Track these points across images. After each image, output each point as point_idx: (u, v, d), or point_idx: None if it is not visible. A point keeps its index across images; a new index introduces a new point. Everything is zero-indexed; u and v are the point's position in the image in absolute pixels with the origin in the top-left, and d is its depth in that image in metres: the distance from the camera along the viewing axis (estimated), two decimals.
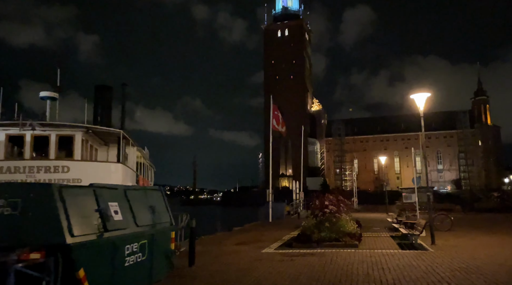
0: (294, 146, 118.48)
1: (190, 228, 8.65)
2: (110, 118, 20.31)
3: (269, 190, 23.18)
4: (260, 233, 15.65)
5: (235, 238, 14.15)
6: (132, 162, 14.97)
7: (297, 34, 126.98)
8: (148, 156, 23.56)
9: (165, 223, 7.24)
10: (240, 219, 40.22)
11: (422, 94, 11.26)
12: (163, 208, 7.42)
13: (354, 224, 11.75)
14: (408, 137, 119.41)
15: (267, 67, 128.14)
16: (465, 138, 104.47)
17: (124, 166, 12.77)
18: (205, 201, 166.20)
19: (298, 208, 26.37)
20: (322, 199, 11.45)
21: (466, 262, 8.08)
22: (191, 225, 8.60)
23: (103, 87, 20.95)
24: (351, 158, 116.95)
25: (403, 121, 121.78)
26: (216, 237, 14.71)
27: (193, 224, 8.57)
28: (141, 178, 16.20)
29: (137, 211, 6.29)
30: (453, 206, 30.62)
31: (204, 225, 36.54)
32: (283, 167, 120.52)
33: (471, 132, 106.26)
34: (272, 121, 23.27)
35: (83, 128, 12.34)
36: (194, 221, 8.70)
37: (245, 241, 12.84)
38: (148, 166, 21.59)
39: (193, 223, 8.59)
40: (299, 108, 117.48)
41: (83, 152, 12.52)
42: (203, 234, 17.42)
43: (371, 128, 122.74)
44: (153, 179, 27.50)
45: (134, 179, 14.70)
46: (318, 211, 11.29)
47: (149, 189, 7.20)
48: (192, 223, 8.60)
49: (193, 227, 8.55)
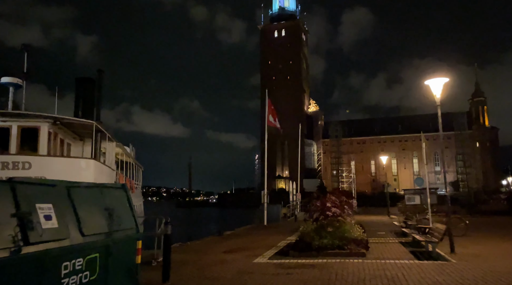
0: (290, 147, 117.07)
1: (164, 236, 7.11)
2: (93, 112, 18.77)
3: (264, 191, 21.65)
4: (253, 238, 14.12)
5: (225, 244, 12.61)
6: (110, 158, 13.40)
7: (293, 34, 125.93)
8: (133, 154, 21.96)
9: (128, 230, 5.70)
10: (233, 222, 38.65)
11: (439, 80, 9.81)
12: (126, 211, 5.89)
13: (360, 229, 10.25)
14: (405, 139, 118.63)
15: (264, 68, 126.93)
16: (463, 140, 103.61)
17: (98, 162, 11.21)
18: (201, 203, 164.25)
19: (295, 210, 24.88)
20: (324, 200, 9.94)
21: (505, 278, 6.60)
22: (166, 232, 7.05)
23: (84, 79, 19.41)
24: (348, 160, 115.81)
25: (400, 122, 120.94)
26: (204, 243, 13.15)
27: (168, 231, 7.03)
28: (122, 177, 14.63)
29: (84, 216, 4.75)
30: (457, 209, 29.22)
31: (193, 229, 35.04)
32: (280, 168, 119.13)
33: (469, 134, 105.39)
34: (268, 117, 21.77)
35: (50, 119, 10.76)
36: (170, 227, 7.15)
37: (235, 248, 11.30)
38: (134, 165, 20.00)
39: (168, 229, 7.05)
40: (295, 109, 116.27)
41: (50, 147, 10.94)
42: (190, 239, 15.88)
43: (368, 130, 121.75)
44: (140, 179, 25.90)
45: (112, 177, 13.14)
46: (319, 213, 9.79)
47: (107, 187, 5.65)
48: (167, 229, 7.05)
49: (168, 234, 7.01)
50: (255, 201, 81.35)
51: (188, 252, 10.72)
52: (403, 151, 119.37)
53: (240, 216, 52.98)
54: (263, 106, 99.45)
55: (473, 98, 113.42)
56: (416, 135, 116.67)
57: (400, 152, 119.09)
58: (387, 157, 33.55)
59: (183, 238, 26.33)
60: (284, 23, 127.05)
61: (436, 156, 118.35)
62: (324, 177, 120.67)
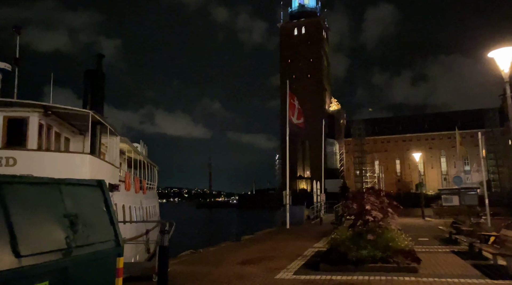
0: (312, 146, 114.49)
1: (160, 248, 5.51)
2: (103, 107, 17.51)
3: (286, 191, 19.87)
4: (274, 245, 12.39)
5: (243, 252, 10.94)
6: (113, 155, 11.97)
7: (314, 32, 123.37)
8: (145, 152, 20.62)
9: (102, 244, 4.12)
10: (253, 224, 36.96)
11: (507, 50, 7.84)
12: (100, 217, 4.30)
13: (406, 237, 8.36)
14: (432, 137, 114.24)
15: (283, 66, 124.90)
16: (494, 138, 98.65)
17: (95, 158, 9.75)
18: (221, 204, 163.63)
19: (320, 212, 22.98)
20: (362, 202, 8.12)
21: None
22: (161, 243, 5.44)
23: (93, 72, 18.20)
24: (372, 159, 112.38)
25: (426, 120, 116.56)
26: (218, 250, 11.52)
27: (164, 241, 5.41)
28: (129, 176, 13.19)
29: (24, 226, 3.19)
30: (500, 210, 26.58)
31: (211, 231, 33.45)
32: (301, 168, 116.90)
33: (501, 131, 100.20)
34: (289, 113, 19.96)
35: (40, 108, 9.36)
36: (167, 236, 5.53)
37: (254, 258, 9.61)
38: (146, 164, 18.62)
39: (165, 239, 5.43)
40: (316, 108, 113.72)
41: (42, 141, 9.55)
42: (204, 244, 14.31)
43: (392, 128, 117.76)
44: (155, 179, 24.59)
45: (115, 176, 11.69)
46: (357, 218, 7.97)
47: (71, 184, 4.05)
48: (164, 239, 5.43)
49: (164, 246, 5.39)
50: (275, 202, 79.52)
51: (198, 263, 9.11)
52: (430, 149, 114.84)
53: (260, 218, 51.23)
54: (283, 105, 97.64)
55: (505, 93, 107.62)
56: (443, 134, 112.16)
57: (427, 150, 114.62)
58: (420, 154, 31.10)
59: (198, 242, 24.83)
60: (304, 21, 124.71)
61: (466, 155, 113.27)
62: (346, 177, 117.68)
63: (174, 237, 22.52)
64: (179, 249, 19.08)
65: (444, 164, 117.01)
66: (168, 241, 5.60)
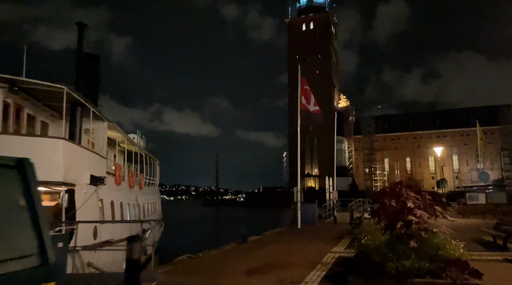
0: (320, 143, 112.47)
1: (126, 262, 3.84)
2: (97, 95, 15.96)
3: (297, 187, 18.12)
4: (286, 248, 10.68)
5: (249, 257, 9.25)
6: (99, 143, 10.33)
7: (322, 27, 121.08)
8: (143, 144, 19.02)
9: (15, 262, 2.44)
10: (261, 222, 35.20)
11: None
12: (13, 217, 2.63)
13: (458, 243, 6.56)
14: (444, 134, 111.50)
15: (291, 62, 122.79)
16: (508, 135, 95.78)
17: (71, 144, 8.12)
18: (229, 202, 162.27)
19: (334, 210, 21.16)
20: (400, 197, 6.35)
21: None
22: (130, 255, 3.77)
23: (88, 56, 16.64)
24: (382, 157, 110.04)
25: (438, 117, 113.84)
26: (221, 255, 9.83)
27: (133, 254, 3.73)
28: (119, 168, 11.54)
29: None
30: None
31: (216, 230, 31.63)
32: (308, 166, 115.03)
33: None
34: (301, 98, 18.16)
35: (3, 83, 7.74)
36: (137, 245, 3.86)
37: (262, 265, 7.91)
38: (145, 157, 16.99)
39: (134, 251, 3.75)
40: (325, 105, 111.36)
41: (8, 123, 7.94)
42: (206, 246, 12.67)
43: (403, 125, 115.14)
44: (157, 174, 23.00)
45: (102, 167, 10.05)
46: (394, 218, 6.21)
47: None
48: (133, 249, 3.76)
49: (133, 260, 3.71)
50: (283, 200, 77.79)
51: (194, 272, 7.43)
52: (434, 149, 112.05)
53: (268, 216, 49.50)
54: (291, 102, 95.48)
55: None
56: (455, 131, 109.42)
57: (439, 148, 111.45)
58: (441, 148, 29.10)
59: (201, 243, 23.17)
60: (312, 16, 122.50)
61: (478, 152, 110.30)
62: (355, 175, 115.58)
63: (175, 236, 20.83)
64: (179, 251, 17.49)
65: (456, 161, 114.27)
66: (140, 252, 3.96)
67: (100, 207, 9.65)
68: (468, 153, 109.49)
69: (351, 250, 9.82)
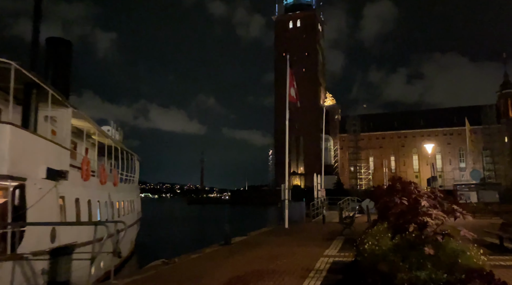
0: (306, 141, 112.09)
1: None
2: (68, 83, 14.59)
3: (284, 184, 17.08)
4: (273, 251, 9.62)
5: (232, 262, 8.15)
6: (62, 132, 9.05)
7: (309, 25, 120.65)
8: (119, 138, 17.68)
9: None
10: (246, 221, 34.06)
11: None
12: None
13: (476, 249, 5.61)
14: (427, 134, 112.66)
15: (278, 60, 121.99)
16: (490, 134, 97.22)
17: (24, 131, 6.85)
18: (213, 200, 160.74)
19: (323, 209, 20.22)
20: (411, 195, 5.36)
21: None
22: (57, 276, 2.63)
23: (58, 41, 15.24)
24: (367, 155, 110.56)
25: (422, 117, 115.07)
26: (200, 260, 8.70)
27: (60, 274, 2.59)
28: (87, 161, 10.25)
29: None
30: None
31: (198, 229, 30.14)
32: (294, 164, 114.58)
33: (497, 128, 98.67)
34: (289, 90, 17.16)
35: None
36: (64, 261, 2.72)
37: (246, 273, 6.83)
38: (121, 151, 15.65)
39: (62, 271, 2.61)
40: (311, 103, 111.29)
41: None
42: (186, 248, 11.53)
43: (387, 125, 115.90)
44: (136, 170, 21.65)
45: (65, 160, 8.77)
46: (406, 219, 5.20)
47: None
48: (60, 271, 2.62)
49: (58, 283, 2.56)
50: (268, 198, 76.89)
51: (167, 282, 6.28)
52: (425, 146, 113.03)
53: (254, 214, 48.46)
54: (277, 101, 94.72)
55: (502, 90, 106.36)
56: (439, 130, 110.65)
57: (422, 147, 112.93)
58: (432, 145, 28.51)
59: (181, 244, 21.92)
60: (299, 14, 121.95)
61: (461, 152, 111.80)
62: (341, 174, 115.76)
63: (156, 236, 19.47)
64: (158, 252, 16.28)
65: (439, 160, 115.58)
66: (68, 272, 2.81)
67: (61, 205, 8.39)
68: (451, 152, 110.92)
69: (345, 254, 8.84)
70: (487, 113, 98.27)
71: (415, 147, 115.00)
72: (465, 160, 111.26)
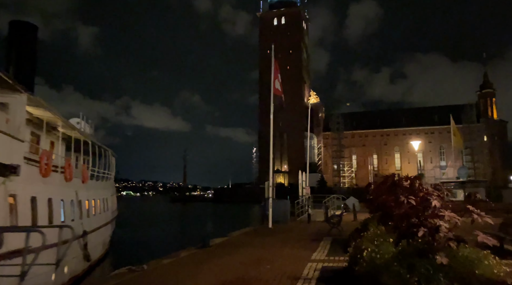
0: (290, 139, 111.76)
1: None
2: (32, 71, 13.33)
3: (268, 182, 16.18)
4: (256, 255, 8.73)
5: (209, 268, 7.21)
6: (15, 120, 7.90)
7: (294, 22, 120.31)
8: (90, 131, 16.44)
9: None
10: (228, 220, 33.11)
11: None
12: None
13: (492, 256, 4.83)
14: (409, 132, 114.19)
15: (263, 57, 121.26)
16: (470, 133, 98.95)
17: None
18: (196, 198, 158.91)
19: (308, 207, 19.40)
20: (418, 194, 4.53)
21: None
22: None
23: (22, 25, 13.92)
24: (350, 153, 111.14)
25: (404, 115, 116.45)
26: (171, 267, 7.71)
27: None
28: (46, 155, 9.10)
29: None
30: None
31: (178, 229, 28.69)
32: (278, 162, 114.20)
33: (477, 127, 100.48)
34: (275, 82, 16.22)
35: None
36: None
37: (225, 283, 5.88)
38: (92, 145, 14.46)
39: None
40: (295, 100, 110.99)
41: None
42: (160, 252, 10.54)
43: (370, 123, 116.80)
44: (112, 167, 20.41)
45: (17, 152, 7.64)
46: (411, 224, 4.36)
47: None
48: None
49: None
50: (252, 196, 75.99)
51: None
52: (407, 144, 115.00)
53: (236, 213, 47.49)
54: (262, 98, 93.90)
55: (482, 89, 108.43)
56: (420, 129, 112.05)
57: (404, 145, 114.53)
58: (419, 142, 28.14)
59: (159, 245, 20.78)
60: (284, 10, 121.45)
61: (441, 150, 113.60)
62: (324, 172, 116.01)
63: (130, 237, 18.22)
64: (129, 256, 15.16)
65: (421, 158, 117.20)
66: None
67: (11, 205, 7.27)
68: (432, 150, 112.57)
69: (335, 258, 8.02)
70: (468, 113, 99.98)
71: (397, 145, 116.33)
72: (445, 158, 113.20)
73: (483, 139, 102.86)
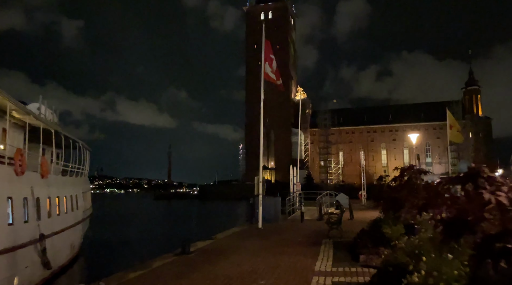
0: (277, 135, 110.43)
1: None
2: None
3: (258, 177, 14.55)
4: (247, 265, 7.10)
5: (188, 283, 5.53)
6: None
7: (281, 17, 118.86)
8: (54, 119, 14.49)
9: None
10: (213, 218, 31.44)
11: None
12: None
13: None
14: (396, 129, 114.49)
15: (249, 52, 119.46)
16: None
17: None
18: (182, 195, 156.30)
19: (301, 205, 17.79)
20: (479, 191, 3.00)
21: None
22: None
23: None
24: (337, 150, 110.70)
25: (390, 112, 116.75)
26: (144, 279, 6.01)
27: None
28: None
29: None
30: None
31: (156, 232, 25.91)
32: (265, 158, 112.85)
33: (462, 124, 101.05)
34: (265, 66, 14.53)
35: None
36: None
37: None
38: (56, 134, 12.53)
39: None
40: (282, 96, 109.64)
41: None
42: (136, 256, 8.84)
43: (357, 119, 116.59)
44: (86, 162, 18.47)
45: None
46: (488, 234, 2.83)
47: None
48: None
49: None
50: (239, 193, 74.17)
51: None
52: (393, 141, 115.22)
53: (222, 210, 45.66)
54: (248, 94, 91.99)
55: (467, 86, 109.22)
56: (407, 125, 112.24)
57: (391, 142, 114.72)
58: (417, 135, 26.93)
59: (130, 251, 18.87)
60: (271, 5, 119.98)
61: (428, 147, 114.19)
62: (311, 168, 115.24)
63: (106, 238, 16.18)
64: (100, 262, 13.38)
65: (406, 155, 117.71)
66: None
67: None
68: (419, 147, 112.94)
69: (346, 269, 6.44)
70: (453, 109, 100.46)
71: (384, 142, 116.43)
72: (431, 155, 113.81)
73: (468, 136, 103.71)
